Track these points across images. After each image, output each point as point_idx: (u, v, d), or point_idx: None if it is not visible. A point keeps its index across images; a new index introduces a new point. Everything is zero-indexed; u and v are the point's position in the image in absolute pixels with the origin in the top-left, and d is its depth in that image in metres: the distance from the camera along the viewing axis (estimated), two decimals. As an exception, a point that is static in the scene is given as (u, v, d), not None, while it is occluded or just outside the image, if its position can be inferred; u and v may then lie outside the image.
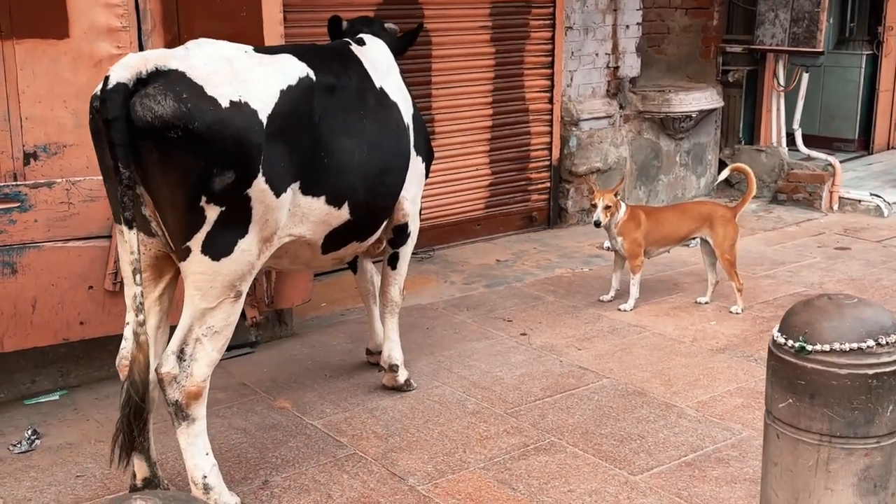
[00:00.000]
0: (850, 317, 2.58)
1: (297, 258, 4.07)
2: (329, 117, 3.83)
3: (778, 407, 2.73)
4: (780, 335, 2.74)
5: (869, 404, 2.59)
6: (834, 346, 2.56)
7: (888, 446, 2.65)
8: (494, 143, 7.87)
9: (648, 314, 6.20)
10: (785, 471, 2.72)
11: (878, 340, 2.55)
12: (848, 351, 2.54)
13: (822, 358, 2.59)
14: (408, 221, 4.74)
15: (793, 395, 2.64)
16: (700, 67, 9.59)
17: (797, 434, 2.71)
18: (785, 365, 2.68)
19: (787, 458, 2.71)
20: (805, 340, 2.64)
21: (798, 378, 2.62)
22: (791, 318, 2.74)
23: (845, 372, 2.56)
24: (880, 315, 2.62)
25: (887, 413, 2.61)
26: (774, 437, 2.78)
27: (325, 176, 3.82)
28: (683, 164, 9.41)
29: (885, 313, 2.65)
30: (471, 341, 5.72)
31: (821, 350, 2.59)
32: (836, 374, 2.56)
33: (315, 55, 3.93)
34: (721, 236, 6.10)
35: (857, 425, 2.64)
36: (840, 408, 2.59)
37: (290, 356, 5.50)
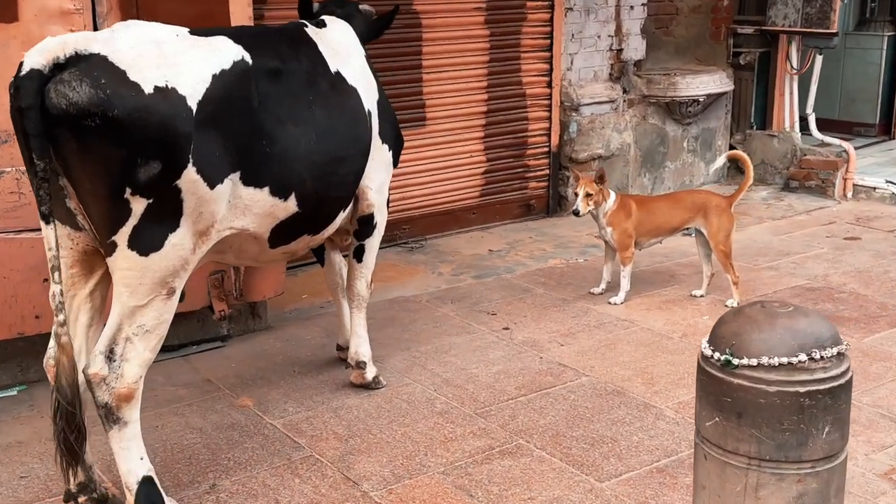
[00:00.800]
0: (781, 328, 2.31)
1: (242, 253, 3.87)
2: (272, 103, 3.62)
3: (705, 425, 2.47)
4: (707, 347, 2.50)
5: (801, 425, 2.31)
6: (762, 360, 2.30)
7: (824, 472, 2.36)
8: (490, 129, 7.63)
9: (639, 308, 5.95)
10: (713, 495, 2.47)
11: (812, 355, 2.28)
12: (777, 366, 2.28)
13: (749, 373, 2.33)
14: (373, 212, 4.53)
15: (720, 414, 2.38)
16: (710, 50, 9.26)
17: (724, 456, 2.44)
18: (712, 380, 2.43)
19: (714, 481, 2.46)
20: (731, 353, 2.39)
21: (724, 395, 2.37)
22: (720, 328, 2.49)
23: (774, 389, 2.29)
24: (817, 326, 2.34)
25: (822, 435, 2.33)
26: (702, 458, 2.52)
27: (268, 166, 3.61)
28: (691, 150, 9.10)
29: (822, 324, 2.38)
30: (450, 336, 5.51)
31: (748, 364, 2.33)
32: (764, 392, 2.30)
33: (258, 38, 3.72)
34: (715, 227, 5.82)
35: (788, 448, 2.36)
36: (769, 429, 2.31)
37: (261, 351, 5.31)
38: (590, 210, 5.77)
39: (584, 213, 5.75)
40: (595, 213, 5.85)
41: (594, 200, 5.75)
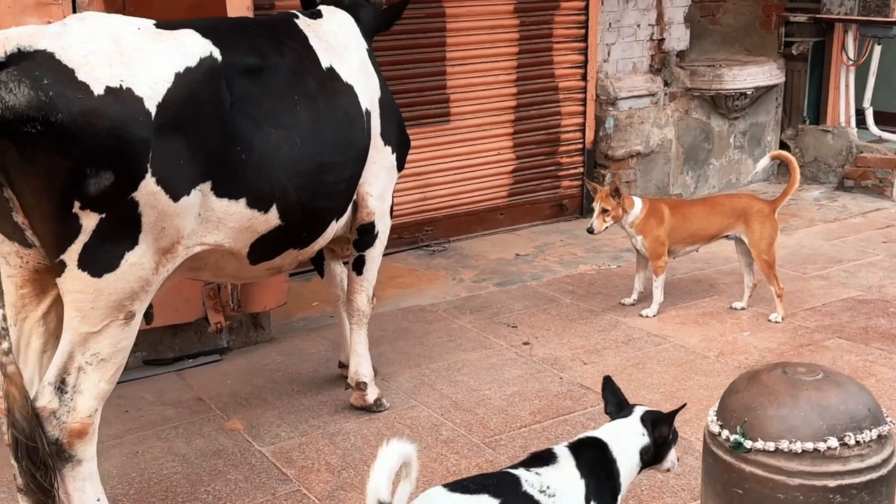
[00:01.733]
0: (807, 402, 1.85)
1: (220, 270, 3.50)
2: (248, 104, 3.24)
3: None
4: (715, 421, 2.05)
5: (831, 531, 1.82)
6: (781, 443, 1.83)
7: None
8: (519, 124, 7.18)
9: (673, 321, 5.48)
10: None
11: (845, 439, 1.81)
12: (800, 452, 1.81)
13: (765, 460, 1.86)
14: (374, 220, 4.14)
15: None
16: (760, 39, 8.69)
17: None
18: (719, 464, 1.98)
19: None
20: (743, 434, 1.94)
21: (734, 484, 1.92)
22: (730, 398, 2.04)
23: (797, 482, 1.82)
24: (852, 400, 1.87)
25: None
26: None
27: (243, 174, 3.23)
28: (738, 147, 8.55)
29: (860, 397, 1.91)
30: (465, 351, 5.10)
31: (763, 449, 1.87)
32: (783, 485, 1.83)
33: (234, 31, 3.34)
34: (757, 234, 5.33)
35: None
36: (791, 533, 1.83)
37: (261, 366, 4.96)
38: (607, 226, 5.33)
39: (599, 230, 5.32)
40: (621, 224, 5.40)
41: (612, 216, 5.30)
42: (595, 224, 5.29)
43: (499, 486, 2.53)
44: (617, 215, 5.31)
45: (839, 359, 4.91)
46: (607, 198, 5.28)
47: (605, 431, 2.93)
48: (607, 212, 5.28)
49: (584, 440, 2.88)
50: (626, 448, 2.82)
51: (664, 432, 2.83)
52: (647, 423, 2.86)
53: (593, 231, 5.32)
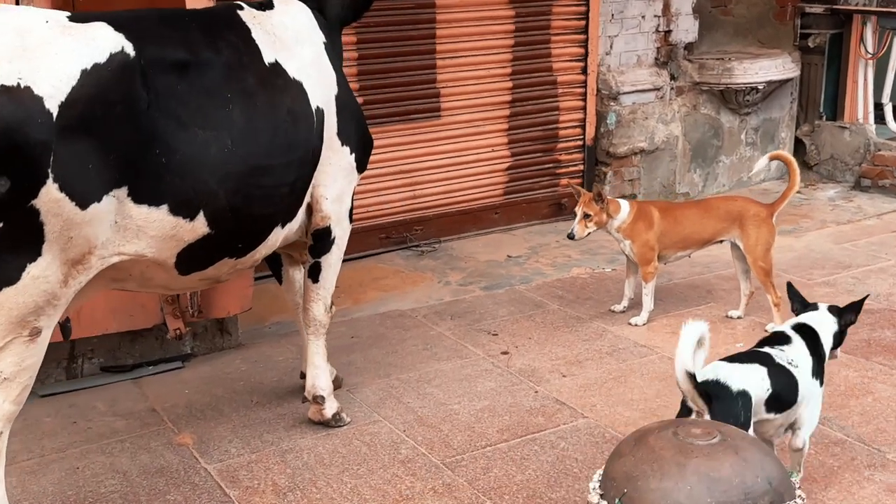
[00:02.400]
0: (695, 472, 1.57)
1: (148, 281, 3.27)
2: (171, 103, 3.00)
3: None
4: (596, 489, 1.78)
5: None
6: None
7: None
8: (514, 120, 6.90)
9: (663, 330, 5.19)
10: None
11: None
12: None
13: None
14: (329, 225, 3.89)
15: None
16: (774, 31, 8.32)
17: None
18: None
19: None
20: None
21: None
22: (614, 462, 1.76)
23: None
24: (751, 471, 1.58)
25: None
26: None
27: (165, 179, 2.99)
28: (750, 143, 8.20)
29: (761, 467, 1.62)
30: (439, 361, 4.85)
31: None
32: None
33: (159, 24, 3.10)
34: (753, 239, 5.02)
35: None
36: None
37: (223, 374, 4.74)
38: (589, 232, 5.05)
39: (580, 236, 5.05)
40: (607, 230, 5.13)
41: (595, 221, 5.02)
42: (576, 230, 5.03)
43: (761, 359, 3.24)
44: (600, 221, 5.03)
45: (835, 374, 4.59)
46: (590, 202, 5.01)
47: (808, 319, 3.51)
48: (590, 217, 5.01)
49: (801, 325, 3.48)
50: (825, 333, 3.45)
51: (851, 319, 3.51)
52: (835, 313, 3.51)
53: (574, 237, 5.05)
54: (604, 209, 5.02)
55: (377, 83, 6.23)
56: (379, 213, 6.49)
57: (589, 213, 5.00)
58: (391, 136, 6.39)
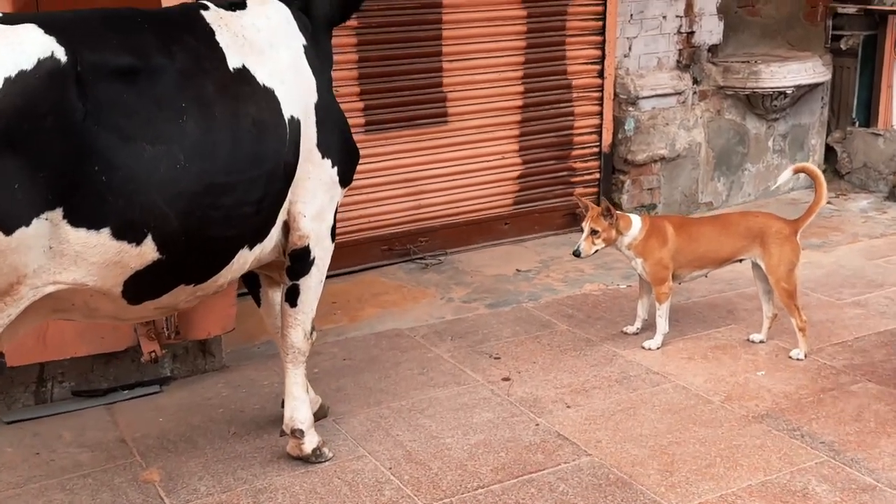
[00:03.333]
0: None
1: (94, 311, 2.95)
2: (114, 114, 2.68)
3: None
4: None
5: None
6: None
7: None
8: (526, 125, 6.54)
9: (679, 355, 4.81)
10: None
11: None
12: None
13: None
14: (308, 244, 3.56)
15: None
16: (804, 32, 7.90)
17: None
18: None
19: None
20: None
21: None
22: None
23: None
24: None
25: None
26: None
27: (106, 199, 2.68)
28: (778, 151, 7.79)
29: None
30: (435, 387, 4.50)
31: None
32: None
33: (103, 26, 2.78)
34: (776, 259, 4.63)
35: None
36: None
37: (202, 400, 4.42)
38: (596, 250, 4.69)
39: (586, 254, 4.71)
40: (616, 247, 4.77)
41: (603, 238, 4.66)
42: (582, 247, 4.67)
43: None
44: (609, 237, 4.67)
45: (865, 408, 4.21)
46: (598, 218, 4.65)
47: None
48: (597, 233, 4.65)
49: None
50: None
51: None
52: None
53: (580, 254, 4.70)
54: (613, 225, 4.66)
55: (379, 87, 5.90)
56: (381, 223, 6.16)
57: (596, 228, 4.64)
58: (394, 142, 6.06)
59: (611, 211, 4.65)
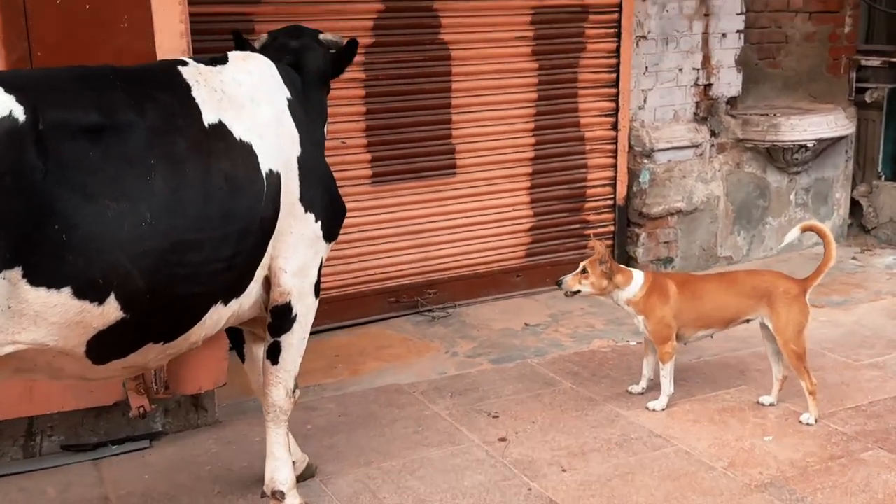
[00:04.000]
0: None
1: (58, 371, 2.90)
2: (77, 172, 2.64)
3: None
4: None
5: None
6: None
7: None
8: (537, 177, 6.47)
9: (684, 417, 4.66)
10: None
11: None
12: None
13: None
14: (289, 301, 3.50)
15: None
16: (827, 85, 7.77)
17: None
18: None
19: None
20: None
21: None
22: None
23: None
24: None
25: None
26: None
27: (66, 258, 2.63)
28: (801, 204, 7.63)
29: None
30: (428, 447, 4.39)
31: None
32: None
33: (66, 83, 2.75)
34: (784, 319, 4.48)
35: None
36: None
37: (190, 457, 4.34)
38: (578, 290, 4.60)
39: (567, 289, 4.63)
40: (614, 300, 4.67)
41: (590, 282, 4.57)
42: (567, 280, 4.60)
43: None
44: (596, 285, 4.58)
45: (874, 477, 4.03)
46: (594, 262, 4.55)
47: None
48: (587, 274, 4.56)
49: None
50: None
51: None
52: None
53: (561, 285, 4.63)
54: (605, 274, 4.55)
55: (386, 139, 5.87)
56: (389, 275, 6.09)
57: (588, 270, 4.55)
58: (402, 194, 6.01)
59: (605, 260, 4.55)
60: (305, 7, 5.43)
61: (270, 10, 5.35)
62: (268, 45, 3.91)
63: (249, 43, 3.87)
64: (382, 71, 5.76)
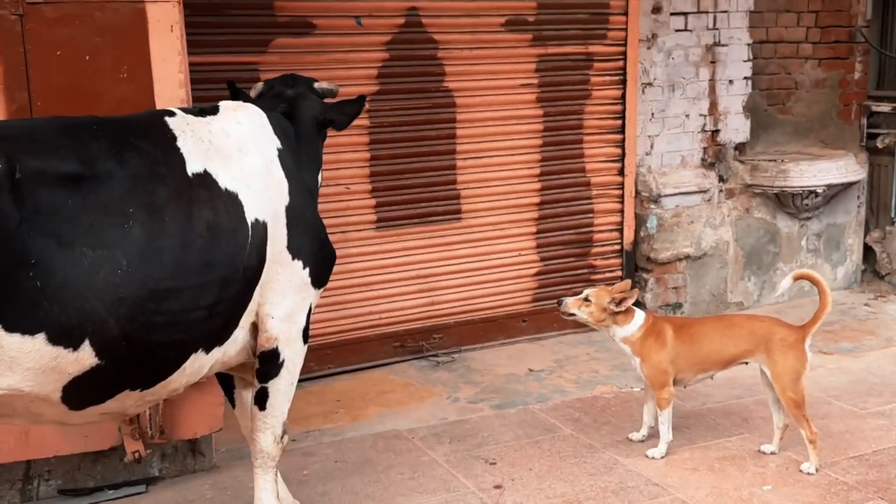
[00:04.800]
0: None
1: (37, 416, 2.94)
2: (51, 221, 2.69)
3: None
4: None
5: None
6: None
7: None
8: (543, 223, 6.49)
9: (683, 466, 4.61)
10: None
11: None
12: None
13: None
14: (276, 346, 3.53)
15: None
16: (838, 131, 7.75)
17: None
18: None
19: None
20: None
21: None
22: None
23: None
24: None
25: None
26: None
27: (41, 305, 2.68)
28: (812, 250, 7.58)
29: None
30: (423, 493, 4.37)
31: None
32: None
33: (46, 133, 2.82)
34: (780, 367, 4.44)
35: None
36: None
37: (185, 502, 4.35)
38: (579, 315, 4.63)
39: (565, 311, 4.66)
40: (611, 336, 4.68)
41: (590, 311, 4.57)
42: (568, 302, 4.63)
43: None
44: (595, 316, 4.60)
45: (872, 531, 3.96)
46: (600, 295, 4.56)
47: None
48: (589, 303, 4.56)
49: None
50: None
51: None
52: None
53: (561, 305, 4.65)
54: (607, 309, 4.55)
55: (391, 185, 5.93)
56: (393, 320, 6.11)
57: (591, 299, 4.55)
58: (407, 239, 6.05)
59: (620, 303, 4.54)
60: (310, 56, 5.52)
61: (276, 59, 5.44)
62: (263, 93, 4.00)
63: (244, 92, 3.96)
64: (387, 118, 5.83)
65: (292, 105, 3.87)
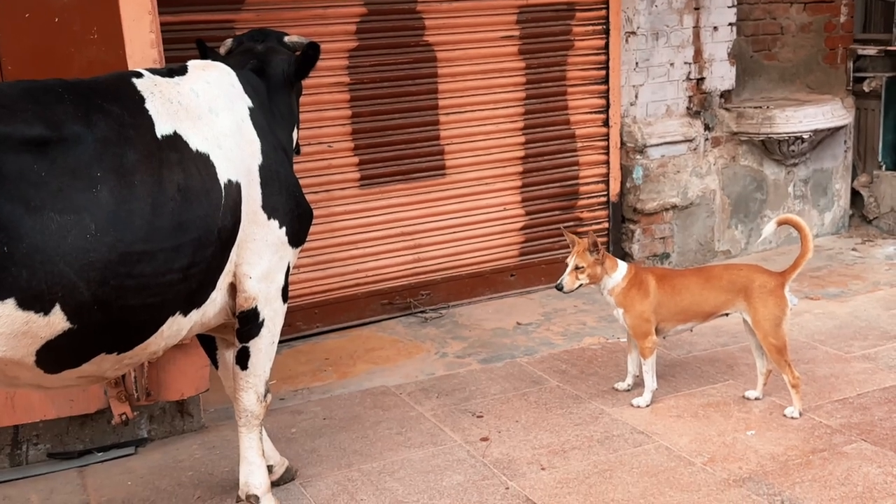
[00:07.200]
0: None
1: (13, 380, 2.95)
2: (18, 186, 2.67)
3: None
4: None
5: None
6: None
7: None
8: (528, 176, 6.47)
9: (668, 413, 4.65)
10: None
11: None
12: None
13: None
14: (255, 306, 3.53)
15: None
16: (824, 76, 7.71)
17: None
18: None
19: None
20: None
21: None
22: None
23: None
24: None
25: None
26: None
27: (10, 271, 2.66)
28: (799, 196, 7.57)
29: None
30: (410, 448, 4.41)
31: None
32: None
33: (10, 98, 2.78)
34: (760, 313, 4.45)
35: None
36: None
37: (173, 462, 4.39)
38: (580, 285, 4.58)
39: (569, 289, 4.60)
40: (600, 290, 4.67)
41: (587, 274, 4.55)
42: (565, 281, 4.56)
43: None
44: (594, 274, 4.56)
45: (854, 470, 3.99)
46: (584, 253, 4.55)
47: None
48: (581, 269, 4.55)
49: None
50: None
51: None
52: None
53: (563, 289, 4.59)
54: (598, 261, 4.55)
55: (374, 142, 5.90)
56: (380, 277, 6.12)
57: (581, 264, 4.54)
58: (391, 196, 6.04)
59: (597, 246, 4.54)
60: (288, 12, 5.46)
61: (252, 16, 5.38)
62: (233, 50, 3.95)
63: (213, 50, 3.92)
64: (367, 74, 5.78)
65: (263, 61, 3.82)
